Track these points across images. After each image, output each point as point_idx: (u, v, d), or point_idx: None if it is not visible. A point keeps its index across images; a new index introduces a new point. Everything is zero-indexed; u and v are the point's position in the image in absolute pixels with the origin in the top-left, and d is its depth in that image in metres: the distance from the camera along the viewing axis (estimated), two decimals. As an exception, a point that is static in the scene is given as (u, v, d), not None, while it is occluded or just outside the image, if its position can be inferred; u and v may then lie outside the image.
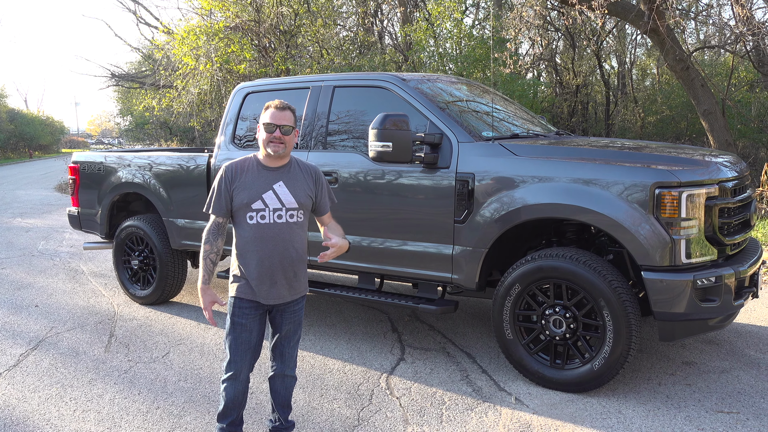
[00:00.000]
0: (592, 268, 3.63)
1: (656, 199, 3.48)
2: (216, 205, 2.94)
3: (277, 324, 3.08)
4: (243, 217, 2.92)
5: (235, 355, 3.00)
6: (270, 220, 2.91)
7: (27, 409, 3.80)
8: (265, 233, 2.91)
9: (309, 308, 5.74)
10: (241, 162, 2.98)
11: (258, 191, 2.91)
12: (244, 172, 2.93)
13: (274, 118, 2.90)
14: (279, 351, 3.13)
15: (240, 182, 2.91)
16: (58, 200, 15.54)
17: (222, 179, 2.92)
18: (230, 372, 3.01)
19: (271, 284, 2.94)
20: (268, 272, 2.93)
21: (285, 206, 2.93)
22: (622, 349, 3.58)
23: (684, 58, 10.88)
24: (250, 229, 2.91)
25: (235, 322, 2.98)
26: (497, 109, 4.83)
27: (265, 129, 2.90)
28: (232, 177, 2.92)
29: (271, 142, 2.90)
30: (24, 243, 9.42)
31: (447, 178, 4.12)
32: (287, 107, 2.94)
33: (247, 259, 2.94)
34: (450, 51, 15.25)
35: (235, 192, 2.91)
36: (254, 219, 2.90)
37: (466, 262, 4.09)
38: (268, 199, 2.91)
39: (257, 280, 2.93)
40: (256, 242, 2.91)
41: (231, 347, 3.00)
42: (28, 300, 6.20)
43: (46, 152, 50.92)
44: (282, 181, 2.96)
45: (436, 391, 3.91)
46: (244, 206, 2.90)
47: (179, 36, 15.54)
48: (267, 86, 5.28)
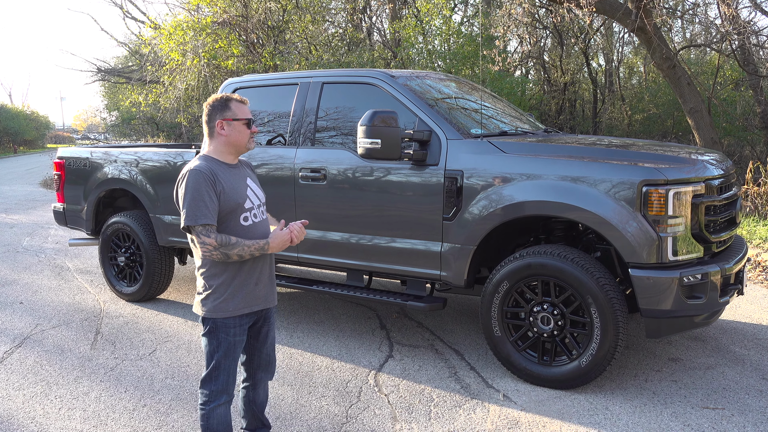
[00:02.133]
0: (580, 265, 3.65)
1: (643, 196, 3.50)
2: (212, 212, 2.58)
3: (263, 331, 2.89)
4: (235, 220, 2.68)
5: (229, 377, 2.75)
6: (259, 218, 2.79)
7: (11, 407, 3.76)
8: (259, 232, 2.75)
9: (297, 305, 5.72)
10: (207, 164, 2.66)
11: (242, 189, 2.73)
12: (217, 173, 2.66)
13: (246, 113, 2.74)
14: (266, 360, 2.94)
15: (221, 183, 2.64)
16: (43, 196, 15.38)
17: (203, 184, 2.58)
18: (224, 396, 2.75)
19: (267, 286, 2.81)
20: (268, 273, 2.82)
21: (261, 202, 2.84)
22: (609, 346, 3.60)
23: (670, 56, 10.94)
24: (245, 231, 2.69)
25: (234, 342, 2.72)
26: (486, 106, 4.83)
27: (246, 125, 2.72)
28: (214, 180, 2.62)
29: (251, 137, 2.76)
30: (8, 239, 9.32)
31: (436, 175, 4.11)
32: (246, 100, 2.79)
33: (245, 266, 2.70)
34: (439, 48, 15.25)
35: (221, 194, 2.63)
36: (249, 219, 2.73)
37: (454, 259, 4.09)
38: (251, 196, 2.78)
39: (255, 285, 2.74)
40: None
41: (225, 370, 2.72)
42: (12, 297, 6.13)
43: (31, 147, 50.34)
44: (248, 177, 2.83)
45: (424, 388, 3.92)
46: (238, 207, 2.69)
47: (166, 31, 15.42)
48: (255, 82, 5.25)
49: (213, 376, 2.72)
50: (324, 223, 4.63)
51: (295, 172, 4.70)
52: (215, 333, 2.69)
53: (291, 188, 4.73)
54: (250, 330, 2.85)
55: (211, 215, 2.58)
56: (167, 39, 15.23)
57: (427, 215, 4.16)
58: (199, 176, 2.59)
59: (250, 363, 2.94)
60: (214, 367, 2.72)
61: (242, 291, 2.70)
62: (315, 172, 4.60)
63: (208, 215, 2.56)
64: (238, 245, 2.58)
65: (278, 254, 4.96)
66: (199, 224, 2.56)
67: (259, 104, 5.20)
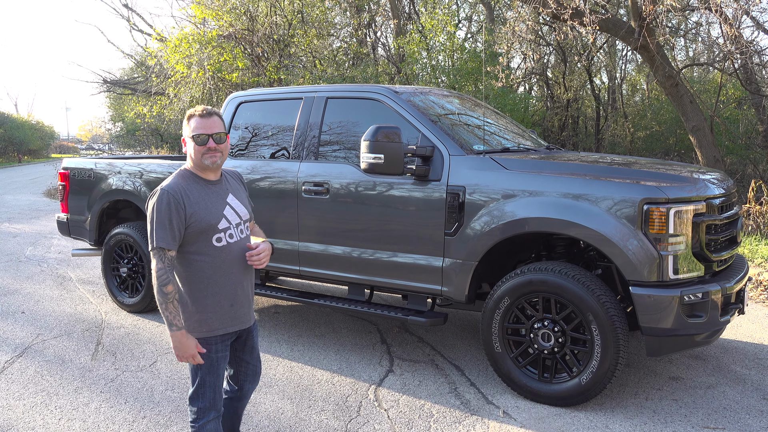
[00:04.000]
0: (581, 282, 3.66)
1: (645, 214, 3.51)
2: (170, 237, 2.52)
3: (248, 344, 2.86)
4: (207, 242, 2.61)
5: (216, 393, 2.71)
6: (236, 237, 2.69)
7: (11, 417, 3.76)
8: (234, 252, 2.67)
9: (298, 318, 5.72)
10: (179, 183, 2.61)
11: (218, 209, 2.65)
12: (189, 192, 2.59)
13: (203, 127, 2.62)
14: (252, 371, 2.91)
15: (192, 205, 2.57)
16: (46, 206, 15.43)
17: (169, 206, 2.52)
18: (212, 413, 2.71)
19: (248, 305, 2.77)
20: (243, 293, 2.74)
21: (242, 219, 2.75)
22: (610, 364, 3.60)
23: (673, 74, 11.01)
24: (217, 252, 2.63)
25: (217, 359, 2.68)
26: (488, 122, 4.86)
27: (196, 141, 2.61)
28: (182, 201, 2.55)
29: (206, 153, 2.62)
30: (11, 248, 9.34)
31: (438, 190, 4.14)
32: (213, 112, 2.65)
33: (218, 287, 2.64)
34: (443, 63, 15.34)
35: (191, 217, 2.56)
36: (223, 240, 2.64)
37: (456, 275, 4.11)
38: (229, 215, 2.69)
39: (235, 306, 2.69)
40: (226, 265, 2.65)
41: (210, 386, 2.69)
42: (14, 306, 6.14)
43: (36, 157, 50.58)
44: (230, 194, 2.75)
45: (424, 404, 3.91)
46: (210, 228, 2.60)
47: (172, 44, 15.55)
48: (259, 96, 5.29)
49: (199, 393, 2.69)
50: (326, 236, 4.65)
51: (299, 186, 4.73)
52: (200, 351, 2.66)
53: (294, 201, 4.76)
54: (234, 344, 2.82)
55: (166, 239, 2.51)
56: (173, 51, 15.36)
57: (429, 230, 4.18)
58: (165, 197, 2.54)
59: (237, 376, 2.91)
60: (200, 385, 2.68)
61: (217, 311, 2.65)
62: (318, 186, 4.63)
63: (162, 239, 2.51)
64: (165, 296, 2.51)
65: (280, 267, 4.98)
66: (154, 247, 2.52)
67: (263, 118, 5.25)
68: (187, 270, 2.62)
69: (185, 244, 2.59)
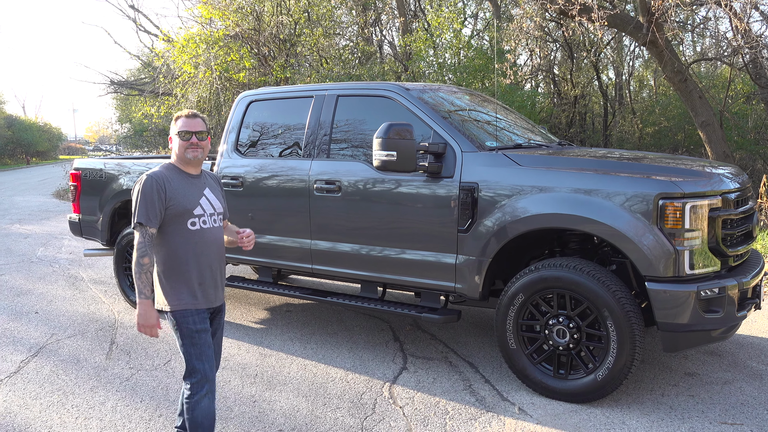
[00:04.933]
0: (596, 278, 3.64)
1: (660, 209, 3.49)
2: (152, 215, 2.83)
3: (213, 325, 3.10)
4: (182, 224, 2.91)
5: (204, 365, 2.90)
6: (209, 224, 3.00)
7: (28, 416, 3.78)
8: (207, 237, 2.98)
9: (310, 317, 5.73)
10: (163, 171, 2.94)
11: (195, 198, 2.97)
12: (171, 180, 2.92)
13: (188, 126, 2.96)
14: (215, 352, 3.12)
15: (172, 190, 2.89)
16: (56, 207, 15.50)
17: (152, 189, 2.84)
18: (205, 386, 2.90)
19: (215, 287, 3.02)
20: (211, 275, 3.00)
21: (216, 211, 3.05)
22: (626, 360, 3.59)
23: (682, 69, 10.94)
24: (191, 235, 2.93)
25: (197, 330, 2.90)
26: (500, 118, 4.85)
27: (181, 137, 2.95)
28: (164, 186, 2.87)
29: (189, 148, 2.95)
30: (23, 249, 9.40)
31: (451, 187, 4.13)
32: (197, 115, 3.01)
33: (189, 266, 2.92)
34: (449, 61, 15.32)
35: (170, 200, 2.88)
36: (197, 224, 2.95)
37: (469, 272, 4.10)
38: (204, 204, 3.00)
39: (203, 285, 2.95)
40: (199, 247, 2.94)
41: (197, 359, 2.89)
42: (27, 306, 6.18)
43: (44, 158, 50.83)
44: (207, 188, 3.07)
45: (439, 401, 3.91)
46: (186, 212, 2.91)
47: (179, 44, 15.58)
48: (270, 95, 5.30)
49: (190, 370, 2.92)
50: (338, 234, 4.65)
51: (310, 184, 4.73)
52: (178, 326, 2.91)
53: (306, 200, 4.76)
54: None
55: (146, 216, 2.83)
56: (180, 52, 15.39)
57: (442, 227, 4.17)
58: (149, 181, 2.87)
59: None
60: (187, 360, 2.92)
61: (187, 287, 2.91)
62: (330, 184, 4.63)
63: (143, 215, 2.82)
64: (140, 267, 2.80)
65: (292, 265, 4.98)
66: (136, 222, 2.84)
67: (273, 116, 5.26)
68: (164, 248, 2.92)
69: (164, 224, 2.90)
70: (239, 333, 5.29)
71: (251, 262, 5.29)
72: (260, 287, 5.20)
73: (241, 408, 3.85)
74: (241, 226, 5.19)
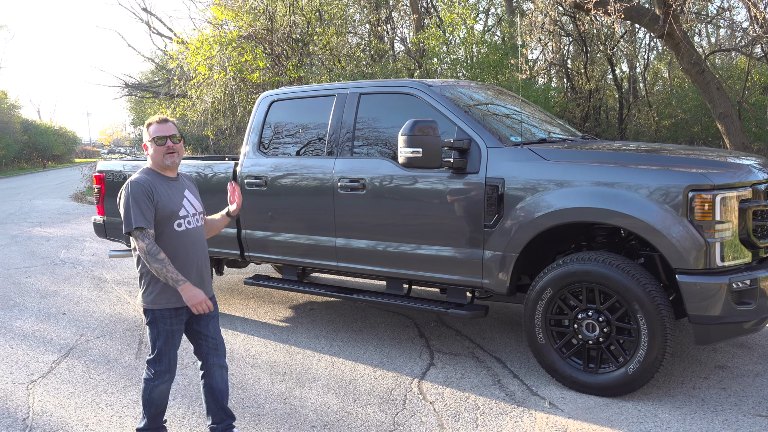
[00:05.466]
0: (626, 271, 3.63)
1: (690, 202, 3.48)
2: (148, 217, 2.97)
3: (203, 320, 3.22)
4: (169, 226, 3.05)
5: (169, 360, 3.16)
6: (193, 224, 3.16)
7: (64, 415, 3.84)
8: (192, 237, 3.14)
9: (334, 314, 5.76)
10: (145, 177, 3.07)
11: (178, 200, 3.12)
12: (155, 184, 3.05)
13: (161, 131, 3.09)
14: (213, 344, 3.27)
15: (157, 194, 3.03)
16: (75, 209, 15.67)
17: (142, 193, 2.98)
18: (167, 375, 3.18)
19: (201, 283, 3.17)
20: (198, 272, 3.16)
21: (197, 211, 3.23)
22: (657, 353, 3.58)
23: (699, 61, 10.85)
24: (177, 236, 3.08)
25: (172, 330, 3.11)
26: (524, 113, 4.84)
27: (156, 143, 3.08)
28: (150, 190, 3.01)
29: (167, 153, 3.09)
30: (46, 252, 9.51)
31: (476, 183, 4.13)
32: (167, 120, 3.14)
33: (178, 265, 3.04)
34: (463, 58, 15.28)
35: (157, 204, 3.01)
36: (182, 225, 3.10)
37: (496, 267, 4.10)
38: (186, 205, 3.16)
39: (192, 282, 3.08)
40: (186, 247, 3.10)
41: (165, 353, 3.13)
42: (55, 308, 6.26)
43: (60, 162, 51.37)
44: (186, 189, 3.22)
45: (468, 396, 3.92)
46: (172, 215, 3.06)
47: (193, 46, 15.67)
48: (292, 94, 5.32)
49: (157, 359, 3.14)
50: (363, 232, 4.67)
51: (334, 182, 4.75)
52: (155, 323, 3.09)
53: (330, 198, 4.78)
54: (191, 320, 3.21)
55: (145, 220, 2.95)
56: (194, 53, 15.48)
57: (468, 223, 4.18)
58: (137, 187, 2.99)
59: (199, 349, 3.28)
60: (158, 353, 3.13)
61: (172, 289, 3.03)
62: (354, 182, 4.65)
63: (141, 220, 2.94)
64: (161, 263, 2.94)
65: (317, 263, 5.01)
66: (134, 228, 2.94)
67: (296, 116, 5.28)
68: None
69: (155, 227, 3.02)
70: (266, 331, 5.34)
71: (276, 260, 5.33)
72: (286, 286, 5.24)
73: (273, 405, 3.88)
74: (262, 225, 5.24)
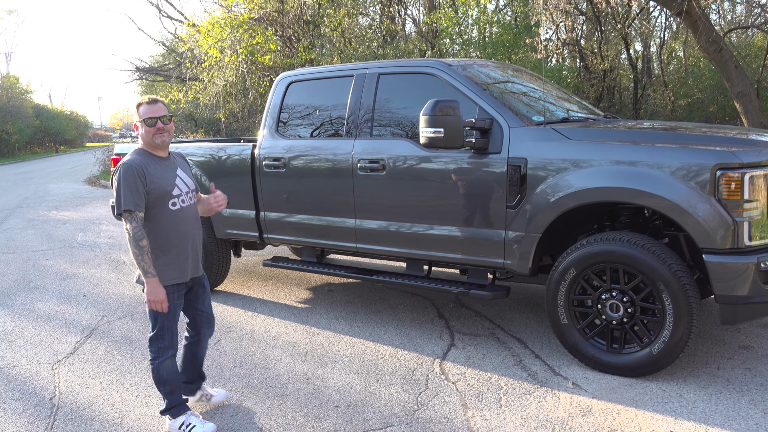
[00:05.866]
0: (651, 251, 3.60)
1: (717, 180, 3.43)
2: (138, 201, 3.03)
3: (198, 295, 3.43)
4: (164, 206, 3.14)
5: (171, 335, 3.28)
6: (187, 203, 3.26)
7: (90, 394, 3.88)
8: (186, 215, 3.25)
9: (352, 296, 5.77)
10: (137, 158, 3.11)
11: (171, 179, 3.20)
12: (147, 165, 3.11)
13: (151, 112, 3.15)
14: (206, 318, 3.50)
15: (150, 175, 3.09)
16: (89, 193, 15.76)
17: (134, 176, 3.03)
18: (170, 351, 3.29)
19: (194, 259, 3.31)
20: (193, 249, 3.30)
21: (189, 189, 3.32)
22: (683, 333, 3.55)
23: (717, 39, 10.66)
24: (173, 214, 3.18)
25: (174, 305, 3.24)
26: (544, 92, 4.78)
27: (147, 124, 3.14)
28: (142, 171, 3.06)
29: (156, 133, 3.16)
30: (63, 235, 9.58)
31: (498, 163, 4.10)
32: (157, 100, 3.19)
33: (172, 243, 3.17)
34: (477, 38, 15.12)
35: (151, 185, 3.08)
36: (177, 204, 3.20)
37: (519, 248, 4.08)
38: (180, 184, 3.25)
39: (186, 259, 3.24)
40: (181, 225, 3.21)
41: (168, 329, 3.25)
42: (75, 290, 6.31)
43: (72, 146, 51.59)
44: (178, 168, 3.30)
45: (491, 376, 3.92)
46: (166, 194, 3.15)
47: (204, 29, 15.61)
48: (310, 75, 5.29)
49: (159, 335, 3.25)
50: (383, 213, 4.66)
51: (353, 163, 4.73)
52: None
53: (349, 179, 4.76)
54: (188, 294, 3.39)
55: (135, 203, 3.01)
56: (205, 36, 15.42)
57: (491, 204, 4.15)
58: (129, 169, 3.04)
59: (194, 322, 3.51)
60: (160, 329, 3.24)
61: (175, 265, 3.20)
62: (374, 163, 4.62)
63: (131, 202, 3.00)
64: (141, 249, 3.03)
65: (336, 244, 5.01)
66: (124, 210, 3.01)
67: (314, 97, 5.25)
68: (151, 231, 3.12)
69: (147, 209, 3.10)
70: (285, 312, 5.36)
71: (294, 242, 5.33)
72: (305, 267, 5.25)
73: (296, 385, 3.90)
74: (281, 207, 5.24)
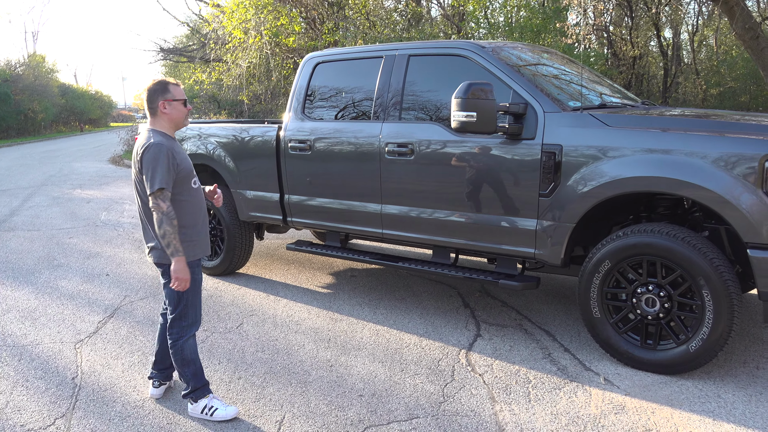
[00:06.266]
0: (691, 245, 3.45)
1: (766, 172, 3.26)
2: (169, 180, 3.06)
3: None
4: (188, 184, 3.20)
5: (197, 311, 3.31)
6: (198, 182, 3.33)
7: (112, 375, 3.85)
8: (202, 193, 3.36)
9: (375, 282, 5.68)
10: (164, 140, 3.11)
11: (190, 160, 3.28)
12: (172, 146, 3.13)
13: (182, 94, 3.22)
14: None
15: (177, 155, 3.14)
16: (113, 172, 15.84)
17: (166, 156, 3.05)
18: (194, 328, 3.31)
19: (207, 235, 3.37)
20: (208, 225, 3.38)
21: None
22: (723, 331, 3.40)
23: (754, 26, 10.32)
24: (196, 192, 3.25)
25: (198, 279, 3.28)
26: (581, 76, 4.61)
27: (183, 105, 3.20)
28: (172, 152, 3.09)
29: (186, 115, 3.23)
30: (86, 214, 9.62)
31: (532, 149, 3.95)
32: (179, 82, 3.27)
33: (196, 219, 3.24)
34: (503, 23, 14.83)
35: (179, 165, 3.12)
36: (197, 183, 3.28)
37: (551, 238, 3.94)
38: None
39: (206, 235, 3.32)
40: (201, 202, 3.30)
41: (193, 305, 3.27)
42: (98, 269, 6.31)
43: (96, 126, 52.06)
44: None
45: (519, 369, 3.81)
46: (190, 174, 3.21)
47: (228, 9, 15.51)
48: (338, 56, 5.16)
49: (183, 314, 3.25)
50: (410, 199, 4.54)
51: (381, 147, 4.61)
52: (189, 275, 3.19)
53: (376, 164, 4.65)
54: None
55: (168, 182, 3.05)
56: (229, 17, 15.33)
57: (523, 191, 4.01)
58: (162, 149, 3.05)
59: None
60: (185, 306, 3.24)
61: (199, 240, 3.26)
62: (402, 147, 4.50)
63: (165, 182, 3.03)
64: (174, 228, 3.04)
65: (361, 230, 4.91)
66: (158, 188, 3.02)
67: (341, 78, 5.13)
68: (178, 210, 3.15)
69: (174, 187, 3.13)
70: (308, 297, 5.29)
71: (318, 226, 5.24)
72: (329, 252, 5.17)
73: (319, 372, 3.83)
74: (306, 190, 5.15)
